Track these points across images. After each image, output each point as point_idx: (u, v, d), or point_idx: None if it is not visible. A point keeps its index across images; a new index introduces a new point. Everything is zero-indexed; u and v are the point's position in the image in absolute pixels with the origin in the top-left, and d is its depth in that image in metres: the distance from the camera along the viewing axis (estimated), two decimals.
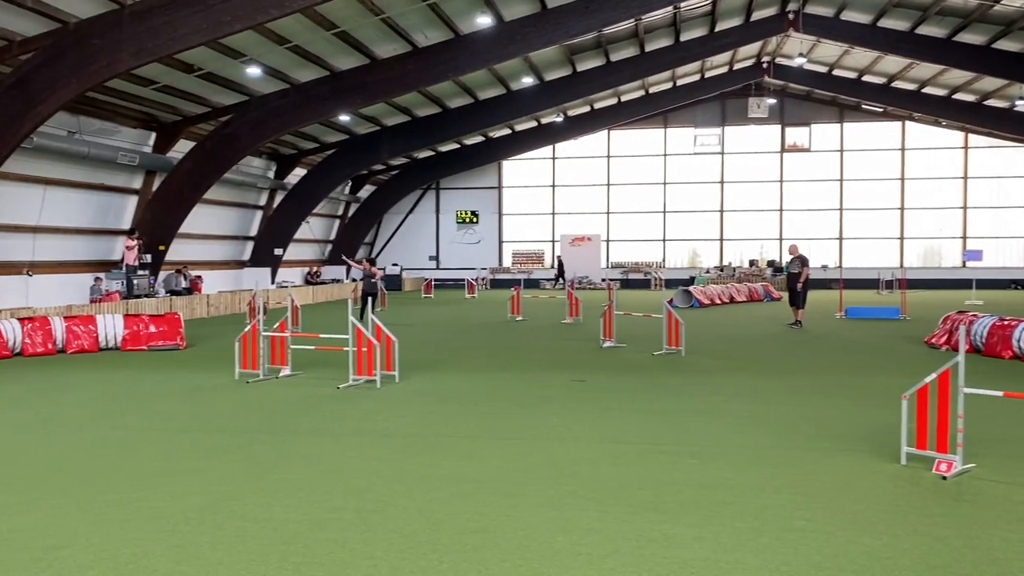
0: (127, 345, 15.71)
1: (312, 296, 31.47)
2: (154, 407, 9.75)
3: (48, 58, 16.10)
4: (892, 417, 7.38)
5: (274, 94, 23.84)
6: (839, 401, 9.69)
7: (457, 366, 13.10)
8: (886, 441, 7.30)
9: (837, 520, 5.35)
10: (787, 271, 19.87)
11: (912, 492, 5.97)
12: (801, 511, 5.54)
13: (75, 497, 5.99)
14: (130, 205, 24.48)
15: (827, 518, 5.39)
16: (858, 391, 10.35)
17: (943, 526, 5.23)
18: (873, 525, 5.25)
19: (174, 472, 6.71)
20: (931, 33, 27.70)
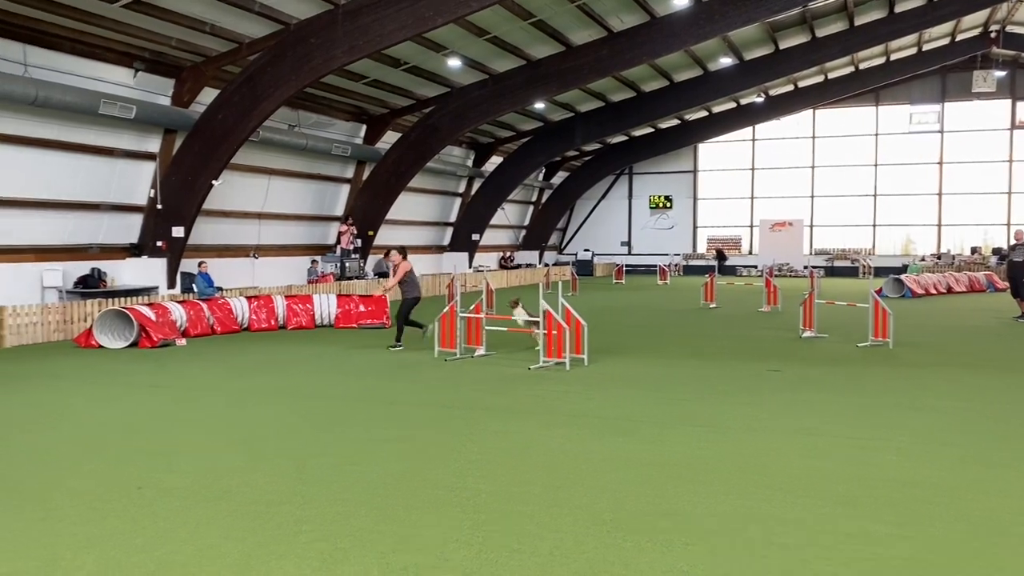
0: (339, 323, 16.93)
1: (506, 280, 32.35)
2: (363, 381, 10.49)
3: (272, 58, 17.57)
4: None
5: (473, 85, 24.66)
6: None
7: (647, 352, 13.06)
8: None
9: None
10: (1010, 259, 18.06)
11: None
12: (1012, 515, 5.11)
13: (294, 459, 6.59)
14: (343, 193, 26.27)
15: None
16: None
17: None
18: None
19: (379, 440, 7.21)
20: None
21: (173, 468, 6.31)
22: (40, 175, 16.53)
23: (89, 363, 12.11)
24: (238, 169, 20.81)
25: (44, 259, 16.87)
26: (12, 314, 14.24)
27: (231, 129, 18.15)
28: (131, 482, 5.93)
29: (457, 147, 31.72)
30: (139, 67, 17.78)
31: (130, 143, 18.30)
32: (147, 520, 5.11)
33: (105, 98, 16.46)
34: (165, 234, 18.60)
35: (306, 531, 4.89)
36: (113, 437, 7.40)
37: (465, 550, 4.59)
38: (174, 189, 18.50)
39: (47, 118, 16.19)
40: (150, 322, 13.97)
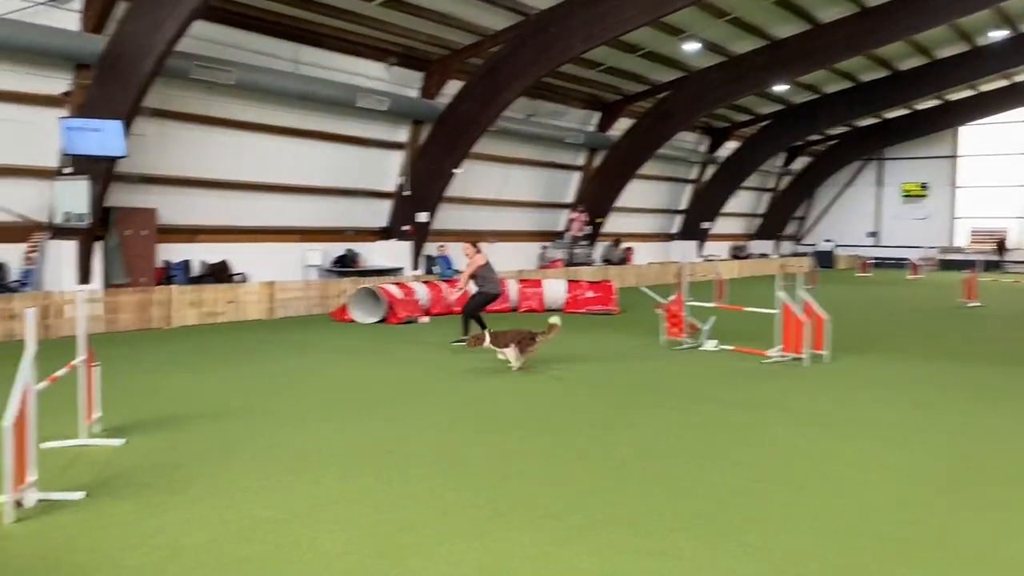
0: (568, 308, 17.22)
1: (738, 270, 31.31)
2: (587, 366, 10.60)
3: (513, 49, 18.14)
4: None
5: (710, 68, 24.00)
6: None
7: (894, 351, 12.11)
8: None
9: None
10: None
11: None
12: None
13: (527, 435, 6.80)
14: (574, 181, 26.63)
15: None
16: None
17: None
18: None
19: (610, 425, 7.26)
20: None
21: (411, 436, 6.73)
22: (305, 163, 18.21)
23: (343, 335, 13.19)
24: (477, 158, 21.71)
25: (306, 240, 18.59)
26: (280, 289, 15.82)
27: (473, 119, 18.98)
28: (381, 446, 6.40)
29: (690, 132, 31.05)
30: (392, 62, 19.03)
31: (382, 133, 19.68)
32: (396, 481, 5.50)
33: (362, 91, 17.80)
34: (411, 219, 19.84)
35: (539, 505, 5.03)
36: (364, 403, 8.02)
37: (695, 540, 4.51)
38: (420, 177, 19.66)
39: (312, 111, 17.78)
40: (397, 300, 14.97)
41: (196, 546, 4.34)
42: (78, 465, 5.77)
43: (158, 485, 5.35)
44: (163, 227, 15.70)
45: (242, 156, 16.97)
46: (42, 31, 12.80)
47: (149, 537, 4.45)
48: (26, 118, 13.53)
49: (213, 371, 9.78)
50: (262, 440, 6.53)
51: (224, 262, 16.75)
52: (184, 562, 4.14)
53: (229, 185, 16.89)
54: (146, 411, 7.48)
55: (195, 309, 14.42)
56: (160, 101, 15.00)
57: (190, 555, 4.23)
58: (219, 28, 15.43)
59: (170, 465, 5.81)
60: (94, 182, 13.38)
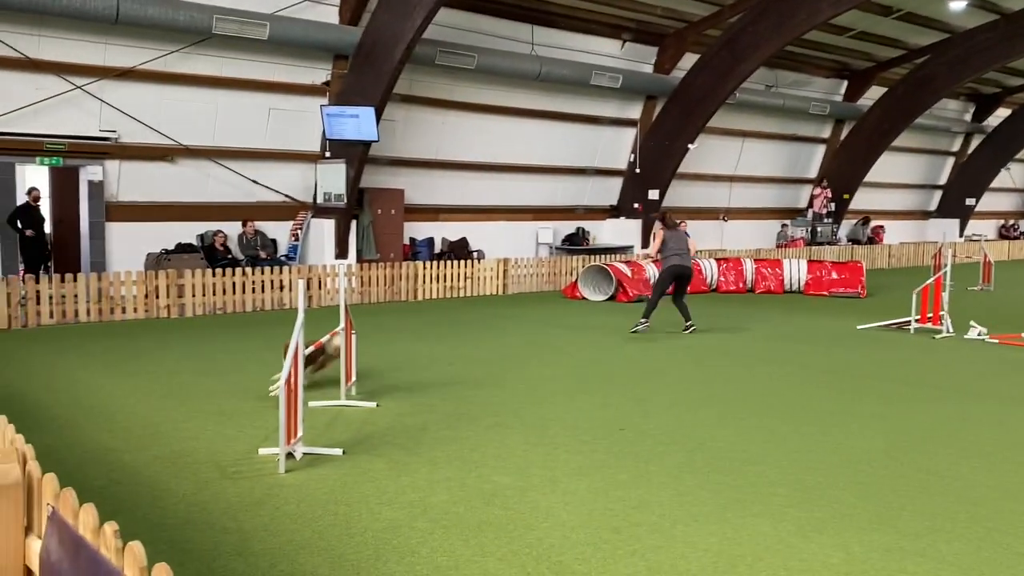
0: (809, 289, 16.32)
1: (1008, 252, 28.13)
2: (829, 350, 9.99)
3: (754, 17, 17.36)
4: None
5: (979, 28, 21.58)
6: None
7: None
8: None
9: None
10: None
11: None
12: None
13: (761, 420, 6.54)
14: (817, 154, 25.12)
15: None
16: None
17: None
18: None
19: (853, 414, 6.79)
20: None
21: (647, 414, 6.68)
22: (539, 143, 18.60)
23: (574, 311, 13.37)
24: (712, 132, 21.06)
25: (538, 218, 19.03)
26: (514, 265, 16.33)
27: (708, 93, 18.44)
28: (614, 422, 6.41)
29: (953, 100, 28.19)
30: (626, 38, 18.90)
31: (614, 111, 19.63)
32: (629, 459, 5.49)
33: (596, 69, 17.84)
34: (642, 196, 19.68)
35: (780, 494, 4.81)
36: (592, 379, 8.07)
37: (958, 543, 4.11)
38: (652, 153, 19.42)
39: (546, 91, 18.09)
40: (627, 278, 14.94)
41: (441, 505, 4.59)
42: (338, 424, 6.29)
43: (407, 446, 5.71)
44: (409, 207, 16.72)
45: (481, 138, 17.64)
46: (305, 25, 14.00)
47: (400, 494, 4.76)
48: (293, 107, 14.90)
49: (454, 342, 10.29)
50: (500, 409, 6.77)
51: (464, 239, 17.56)
52: (431, 519, 4.38)
53: (468, 166, 17.64)
54: (396, 377, 8.00)
55: (437, 284, 15.24)
56: (408, 87, 15.91)
57: (436, 513, 4.47)
58: (460, 14, 16.07)
59: (417, 428, 6.18)
60: (350, 165, 14.49)
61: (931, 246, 24.15)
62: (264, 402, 6.73)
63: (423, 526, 4.30)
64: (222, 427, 6.18)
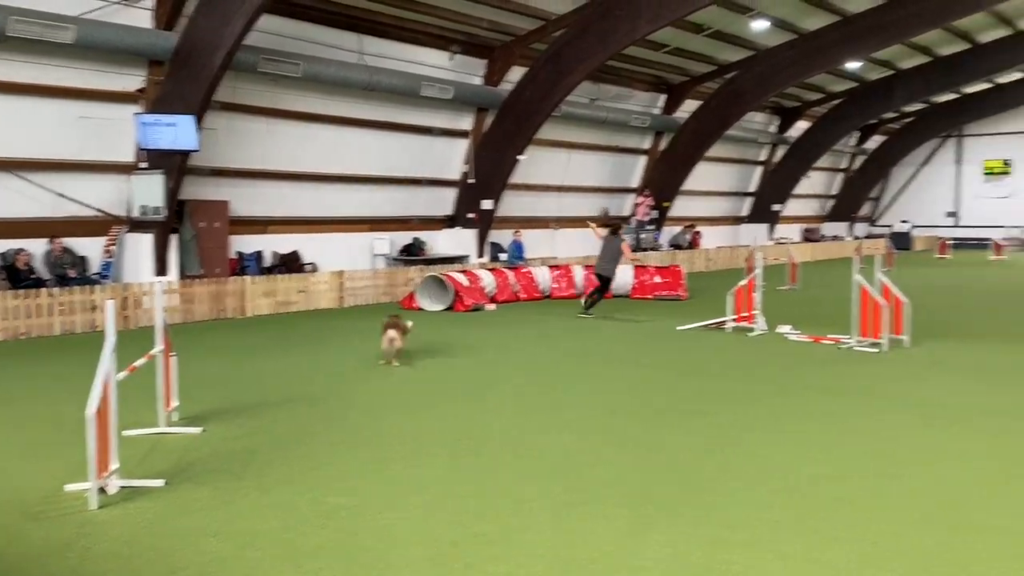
0: (635, 293, 17.02)
1: (811, 253, 30.53)
2: (661, 350, 10.44)
3: (577, 32, 17.92)
4: None
5: (780, 46, 23.33)
6: None
7: (979, 336, 11.64)
8: None
9: None
10: None
11: None
12: None
13: (608, 422, 6.71)
14: (640, 164, 26.27)
15: None
16: None
17: None
18: None
19: (684, 413, 7.12)
20: None
21: (486, 424, 6.70)
22: (372, 153, 18.36)
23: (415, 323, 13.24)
24: (541, 144, 21.57)
25: (374, 229, 18.77)
26: (349, 278, 16.01)
27: (536, 105, 18.86)
28: (454, 433, 6.39)
29: (760, 113, 30.32)
30: (455, 50, 19.02)
31: (446, 122, 19.71)
32: (470, 470, 5.48)
33: (426, 80, 17.83)
34: (475, 206, 19.84)
35: (616, 495, 4.95)
36: (432, 391, 8.02)
37: (782, 531, 4.38)
38: (484, 164, 19.63)
39: (376, 101, 17.90)
40: (464, 288, 15.00)
41: (272, 532, 4.39)
42: (158, 453, 5.91)
43: (235, 472, 5.44)
44: (235, 219, 16.03)
45: (310, 147, 17.20)
46: (117, 29, 13.13)
47: (227, 523, 4.52)
48: (103, 115, 13.93)
49: (287, 359, 9.94)
50: (336, 426, 6.59)
51: (295, 252, 17.04)
52: (260, 548, 4.18)
53: (298, 176, 17.15)
54: (222, 399, 7.62)
55: (268, 299, 14.69)
56: (230, 95, 15.27)
57: (267, 541, 4.27)
58: (285, 21, 15.62)
59: (246, 452, 5.90)
60: (168, 176, 13.70)
61: (744, 250, 25.83)
62: (76, 434, 6.22)
63: (252, 556, 4.09)
64: (25, 463, 5.66)
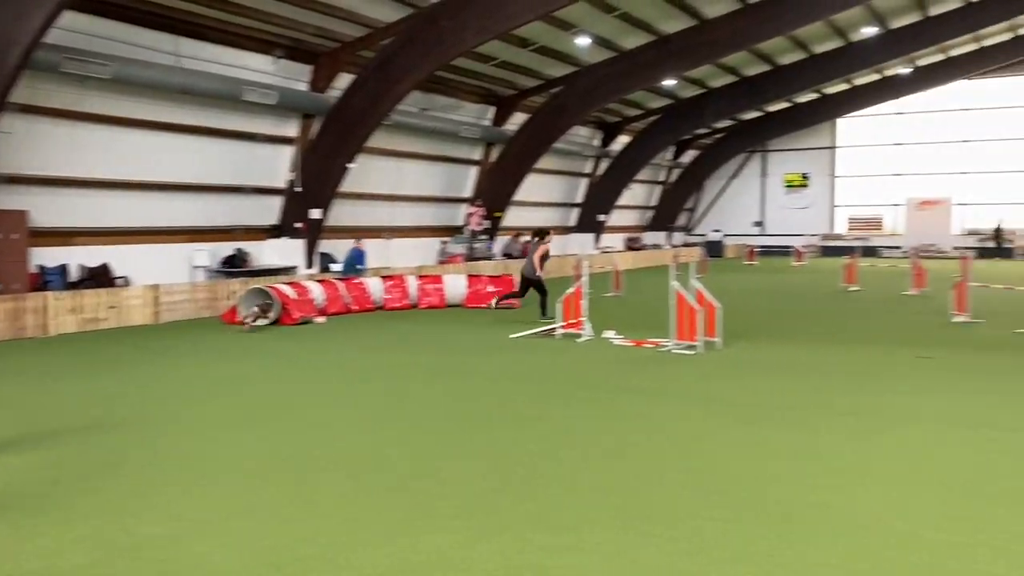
0: (469, 302, 17.14)
1: (633, 261, 31.93)
2: (491, 360, 10.55)
3: (404, 42, 17.87)
4: None
5: (602, 63, 24.32)
6: None
7: (784, 336, 12.57)
8: None
9: None
10: None
11: None
12: None
13: (431, 435, 6.68)
14: (472, 175, 26.55)
15: None
16: None
17: None
18: None
19: (514, 419, 7.20)
20: None
21: (317, 442, 6.51)
22: (190, 160, 17.47)
23: (235, 339, 12.71)
24: (372, 152, 21.35)
25: (193, 240, 17.85)
26: (166, 292, 15.13)
27: (365, 113, 18.63)
28: (281, 452, 6.15)
29: (584, 127, 31.46)
30: (279, 54, 18.47)
31: (270, 128, 19.09)
32: (296, 490, 5.28)
33: (247, 85, 17.20)
34: (303, 216, 19.32)
35: (446, 507, 4.92)
36: (259, 410, 7.71)
37: (602, 532, 4.50)
38: (312, 172, 19.17)
39: (195, 106, 17.07)
40: (291, 300, 14.54)
41: (77, 569, 4.04)
42: None
43: (35, 505, 4.98)
44: (36, 230, 14.75)
45: (121, 154, 16.12)
46: None
47: (23, 562, 4.13)
48: None
49: (94, 382, 9.24)
50: (150, 451, 6.19)
51: (105, 265, 15.89)
52: None
53: (107, 184, 16.02)
54: (20, 427, 6.98)
55: (74, 316, 13.63)
56: (28, 96, 14.09)
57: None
58: (94, 20, 14.62)
59: (48, 483, 5.42)
60: None
61: (572, 258, 26.64)
62: None
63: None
64: None
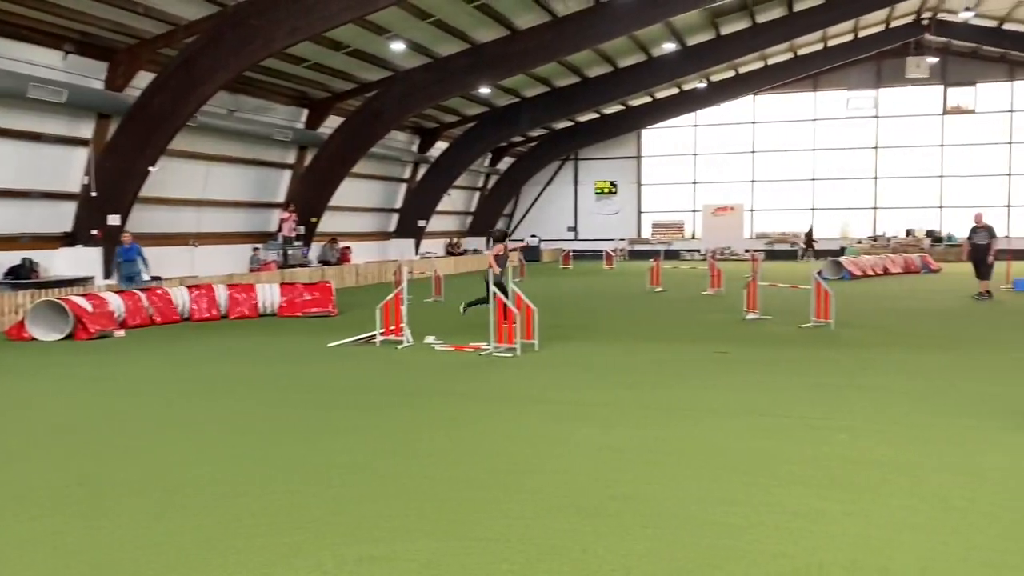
0: (284, 312, 16.62)
1: (454, 266, 32.21)
2: (310, 370, 10.30)
3: (210, 40, 17.08)
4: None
5: (417, 69, 24.36)
6: (1006, 378, 9.05)
7: (595, 336, 13.11)
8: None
9: (1001, 501, 5.03)
10: (972, 241, 18.50)
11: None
12: (961, 490, 5.23)
13: (243, 451, 6.43)
14: (285, 179, 25.77)
15: (990, 499, 5.07)
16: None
17: None
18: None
19: (332, 431, 7.07)
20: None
21: (120, 463, 6.10)
22: None
23: (22, 357, 11.66)
24: (176, 155, 20.24)
25: None
26: None
27: (168, 114, 17.62)
28: (75, 478, 5.71)
29: (401, 132, 31.37)
30: (69, 49, 17.11)
31: (61, 128, 17.64)
32: (93, 517, 4.92)
33: (34, 81, 15.82)
34: (100, 222, 18.00)
35: (259, 524, 4.76)
36: (52, 432, 7.12)
37: (423, 539, 4.52)
38: (109, 176, 17.89)
39: None
40: (86, 313, 13.52)
41: None
42: None
43: None
44: None
45: None
46: None
47: None
48: None
49: None
50: None
51: None
52: None
53: None
54: None
55: None
56: None
57: None
58: None
59: None
60: None
61: (392, 264, 26.52)
62: None
63: None
64: None
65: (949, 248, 35.61)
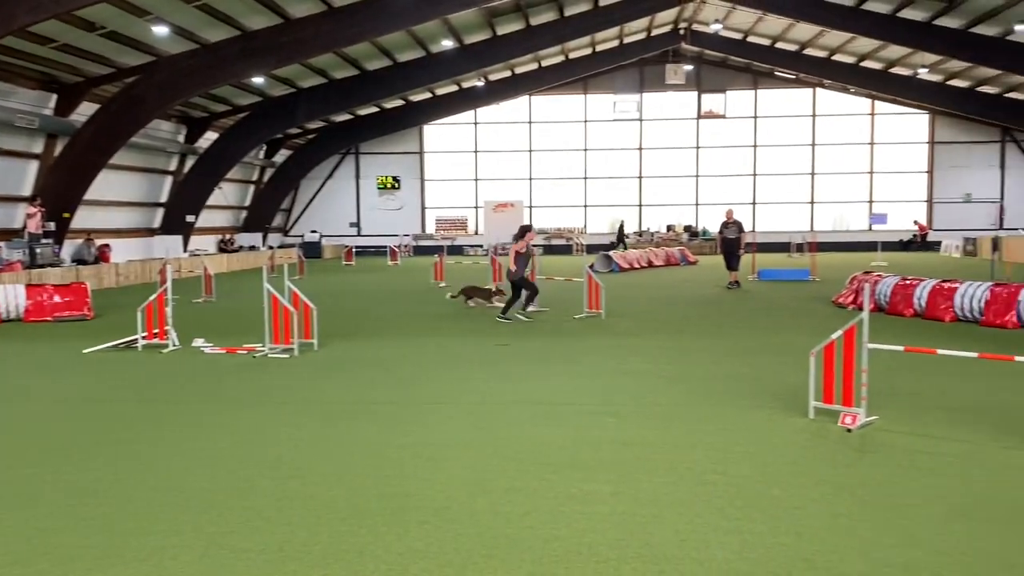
0: (30, 316, 15.03)
1: (227, 264, 30.67)
2: (63, 380, 9.37)
3: None
4: (802, 374, 7.60)
5: (183, 54, 22.91)
6: (754, 359, 9.97)
7: (378, 333, 12.98)
8: (796, 397, 7.53)
9: (748, 473, 5.52)
10: (723, 236, 20.18)
11: (819, 444, 6.20)
12: (714, 465, 5.69)
13: None
14: (31, 170, 23.30)
15: (738, 471, 5.56)
16: (771, 349, 10.67)
17: (847, 476, 5.46)
18: (781, 476, 5.43)
19: (87, 444, 6.46)
20: (840, 1, 28.40)
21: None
22: None
23: None
24: None
25: None
26: None
27: None
28: None
29: (166, 121, 29.37)
30: None
31: None
32: None
33: None
34: None
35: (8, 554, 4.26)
36: None
37: (186, 555, 4.24)
38: None
39: None
40: None
41: None
42: None
43: None
44: None
45: None
46: None
47: None
48: None
49: None
50: None
51: None
52: None
53: None
54: None
55: None
56: None
57: None
58: None
59: None
60: None
61: (158, 262, 24.77)
62: None
63: None
64: None
65: (704, 242, 38.94)
